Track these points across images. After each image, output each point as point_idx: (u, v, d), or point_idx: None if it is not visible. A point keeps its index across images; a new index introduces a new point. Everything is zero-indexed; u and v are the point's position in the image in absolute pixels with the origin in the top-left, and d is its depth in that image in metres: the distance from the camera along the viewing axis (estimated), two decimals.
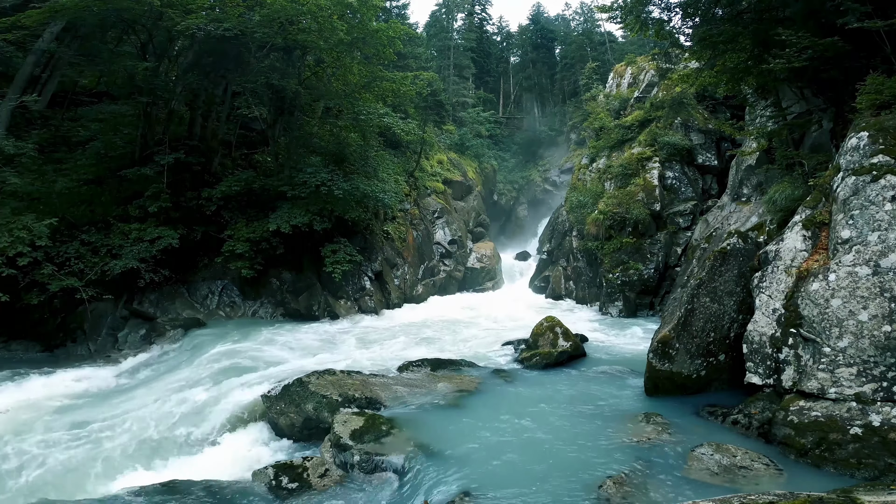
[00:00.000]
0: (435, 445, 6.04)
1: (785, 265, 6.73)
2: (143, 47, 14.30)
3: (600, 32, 45.76)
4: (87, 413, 7.97)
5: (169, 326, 12.66)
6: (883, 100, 6.77)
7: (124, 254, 12.26)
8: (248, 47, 14.56)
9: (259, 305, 14.83)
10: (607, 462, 5.52)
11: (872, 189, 5.97)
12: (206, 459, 6.76)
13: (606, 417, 6.89)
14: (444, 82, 36.54)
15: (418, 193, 23.34)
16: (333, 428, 6.51)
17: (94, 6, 11.90)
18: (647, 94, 21.58)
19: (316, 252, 15.16)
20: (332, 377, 8.02)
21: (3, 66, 13.00)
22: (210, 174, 15.16)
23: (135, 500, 5.42)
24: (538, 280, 23.13)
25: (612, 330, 13.66)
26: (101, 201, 13.27)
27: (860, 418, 5.37)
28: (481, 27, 49.69)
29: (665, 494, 4.86)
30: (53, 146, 13.66)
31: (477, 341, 12.39)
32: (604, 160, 20.19)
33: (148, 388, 9.17)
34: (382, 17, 25.48)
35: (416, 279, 20.32)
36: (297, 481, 5.67)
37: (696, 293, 7.62)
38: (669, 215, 17.13)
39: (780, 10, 8.92)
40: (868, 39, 7.69)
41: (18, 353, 11.54)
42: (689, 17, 11.25)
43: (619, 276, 16.20)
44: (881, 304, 5.57)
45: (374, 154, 18.03)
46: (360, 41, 15.68)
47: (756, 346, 6.57)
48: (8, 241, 10.23)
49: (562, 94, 44.17)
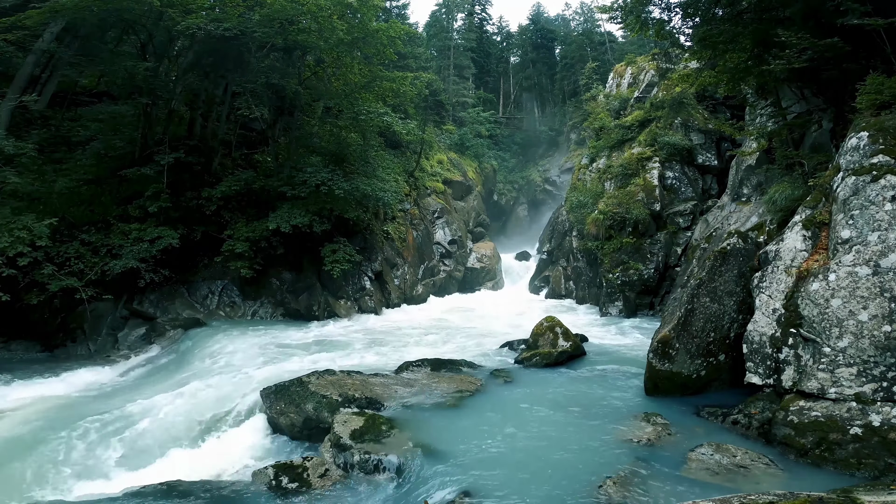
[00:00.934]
0: (435, 445, 6.03)
1: (785, 265, 6.73)
2: (143, 47, 14.30)
3: (600, 32, 45.78)
4: (86, 412, 7.94)
5: (169, 326, 12.66)
6: (883, 100, 6.77)
7: (124, 254, 12.26)
8: (248, 47, 14.55)
9: (259, 305, 14.83)
10: (607, 462, 5.52)
11: (872, 189, 5.97)
12: (206, 459, 6.75)
13: (606, 417, 6.89)
14: (444, 82, 36.55)
15: (418, 193, 23.34)
16: (333, 428, 6.51)
17: (94, 6, 11.89)
18: (647, 94, 21.58)
19: (316, 252, 15.17)
20: (331, 377, 8.03)
21: (3, 66, 12.98)
22: (210, 174, 15.16)
23: (134, 500, 5.42)
24: (538, 280, 23.14)
25: (612, 330, 13.66)
26: (101, 201, 13.27)
27: (860, 418, 5.37)
28: (481, 27, 49.69)
29: (665, 494, 4.86)
30: (53, 146, 13.65)
31: (477, 341, 12.39)
32: (604, 160, 20.18)
33: (147, 387, 9.17)
34: (382, 17, 25.48)
35: (416, 279, 20.32)
36: (297, 481, 5.67)
37: (696, 293, 7.62)
38: (669, 215, 17.13)
39: (779, 10, 8.91)
40: (868, 39, 7.69)
41: (18, 353, 11.54)
42: (689, 17, 11.25)
43: (619, 276, 16.20)
44: (881, 304, 5.57)
45: (374, 154, 18.03)
46: (360, 41, 15.67)
47: (756, 346, 6.57)
48: (8, 241, 10.22)
49: (562, 94, 44.17)
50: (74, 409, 8.27)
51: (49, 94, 13.77)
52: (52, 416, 7.92)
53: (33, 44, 12.58)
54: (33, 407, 8.35)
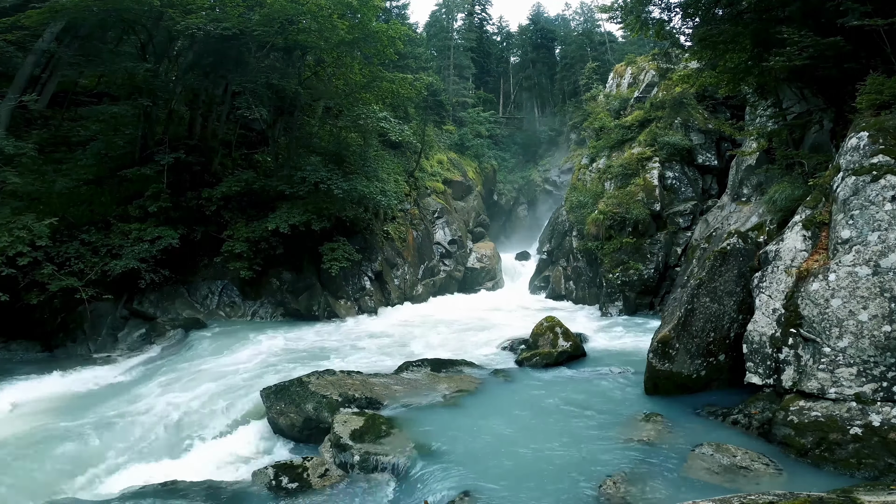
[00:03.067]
0: (435, 445, 6.04)
1: (785, 265, 6.73)
2: (143, 47, 14.30)
3: (600, 32, 45.76)
4: (86, 413, 7.95)
5: (169, 326, 12.66)
6: (883, 100, 6.76)
7: (124, 254, 12.26)
8: (248, 47, 14.56)
9: (259, 305, 14.82)
10: (607, 461, 5.52)
11: (872, 189, 5.97)
12: (206, 459, 6.75)
13: (606, 417, 6.89)
14: (444, 82, 36.52)
15: (418, 193, 23.33)
16: (333, 428, 6.52)
17: (94, 6, 11.89)
18: (647, 94, 21.56)
19: (316, 252, 15.17)
20: (331, 377, 8.03)
21: (3, 66, 12.98)
22: (210, 174, 15.16)
23: (134, 500, 5.42)
24: (538, 280, 23.13)
25: (612, 330, 13.66)
26: (101, 201, 13.27)
27: (860, 418, 5.37)
28: (481, 27, 49.66)
29: (665, 494, 4.86)
30: (53, 146, 13.64)
31: (477, 341, 12.39)
32: (604, 160, 20.18)
33: (147, 388, 9.16)
34: (382, 17, 25.45)
35: (416, 279, 20.32)
36: (297, 481, 5.67)
37: (696, 293, 7.62)
38: (669, 215, 17.12)
39: (779, 9, 8.92)
40: (868, 39, 7.69)
41: (18, 353, 11.53)
42: (689, 17, 11.25)
43: (619, 276, 16.20)
44: (881, 304, 5.57)
45: (373, 154, 18.03)
46: (360, 41, 15.67)
47: (756, 346, 6.57)
48: (8, 241, 10.22)
49: (562, 94, 44.16)
50: (74, 409, 8.26)
51: (49, 94, 13.78)
52: (51, 416, 7.91)
53: (33, 44, 12.59)
54: (33, 407, 8.35)
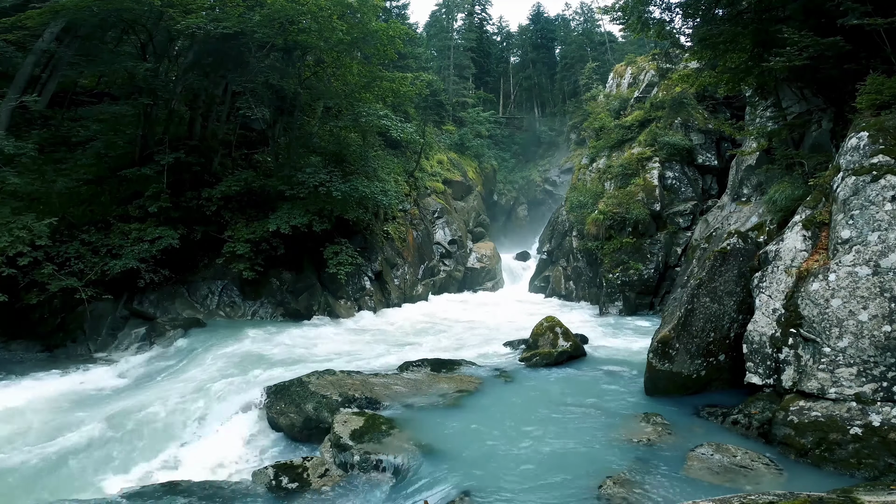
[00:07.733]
0: (435, 445, 6.04)
1: (785, 265, 6.73)
2: (143, 47, 14.29)
3: (600, 32, 45.80)
4: (86, 413, 7.96)
5: (169, 326, 12.65)
6: (883, 100, 6.76)
7: (124, 254, 12.25)
8: (248, 47, 14.55)
9: (259, 306, 14.82)
10: (607, 461, 5.52)
11: (872, 189, 5.97)
12: (206, 459, 6.75)
13: (606, 417, 6.89)
14: (444, 82, 36.54)
15: (418, 193, 23.34)
16: (333, 428, 6.52)
17: (94, 6, 11.88)
18: (647, 94, 21.58)
19: (316, 252, 15.17)
20: (331, 377, 8.03)
21: (3, 66, 12.97)
22: (210, 174, 15.15)
23: (134, 500, 5.42)
24: (538, 280, 23.15)
25: (612, 330, 13.66)
26: (101, 201, 13.26)
27: (860, 418, 5.37)
28: (481, 27, 49.68)
29: (665, 494, 4.86)
30: (53, 146, 13.63)
31: (477, 341, 12.39)
32: (604, 160, 20.19)
33: (147, 388, 9.17)
34: (382, 17, 25.44)
35: (416, 279, 20.32)
36: (297, 481, 5.67)
37: (696, 293, 7.62)
38: (669, 215, 17.13)
39: (779, 9, 8.92)
40: (868, 39, 7.68)
41: (18, 353, 11.52)
42: (689, 17, 11.26)
43: (619, 276, 16.20)
44: (881, 304, 5.57)
45: (373, 154, 18.03)
46: (360, 41, 15.66)
47: (756, 346, 6.57)
48: (8, 241, 10.21)
49: (562, 95, 44.19)
50: (74, 409, 8.27)
51: (49, 94, 13.75)
52: (51, 416, 7.92)
53: (33, 44, 12.57)
54: (33, 407, 8.34)
